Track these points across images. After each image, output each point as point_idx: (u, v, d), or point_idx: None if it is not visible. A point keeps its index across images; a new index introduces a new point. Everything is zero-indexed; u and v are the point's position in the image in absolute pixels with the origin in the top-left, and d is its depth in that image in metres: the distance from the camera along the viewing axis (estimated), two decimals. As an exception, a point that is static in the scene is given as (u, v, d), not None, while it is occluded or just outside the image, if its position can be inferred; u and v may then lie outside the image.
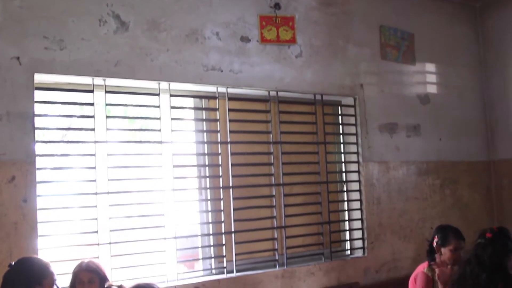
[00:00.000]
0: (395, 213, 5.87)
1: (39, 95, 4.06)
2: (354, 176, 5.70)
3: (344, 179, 5.74)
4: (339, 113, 5.81)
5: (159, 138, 4.55)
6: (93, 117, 4.27)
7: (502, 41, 6.73)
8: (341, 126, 5.79)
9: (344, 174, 5.75)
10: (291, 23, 5.23)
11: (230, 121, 4.93)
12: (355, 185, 5.69)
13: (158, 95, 4.57)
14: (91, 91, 4.30)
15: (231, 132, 4.93)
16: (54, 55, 4.05)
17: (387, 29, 5.98)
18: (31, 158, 3.89)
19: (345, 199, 5.72)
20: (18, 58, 3.91)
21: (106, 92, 4.35)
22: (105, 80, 4.30)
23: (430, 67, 6.43)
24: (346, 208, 5.72)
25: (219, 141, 4.89)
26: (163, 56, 4.52)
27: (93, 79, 4.26)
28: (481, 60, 6.93)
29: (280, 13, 5.18)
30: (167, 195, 4.58)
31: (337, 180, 5.74)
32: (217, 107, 4.90)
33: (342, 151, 5.78)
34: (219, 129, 4.88)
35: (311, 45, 5.39)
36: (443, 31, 6.60)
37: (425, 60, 6.35)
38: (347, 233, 5.69)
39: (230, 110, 4.94)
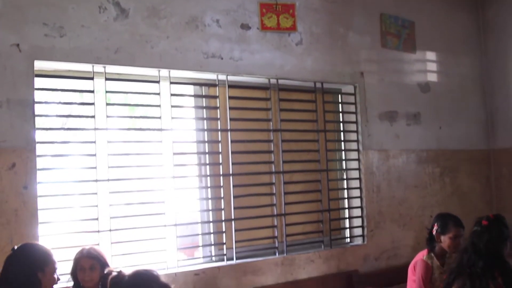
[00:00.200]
0: (394, 201, 5.88)
1: (39, 82, 4.05)
2: (354, 164, 5.70)
3: (344, 167, 5.75)
4: (339, 101, 5.80)
5: (159, 125, 4.55)
6: (93, 104, 4.27)
7: (503, 29, 6.71)
8: (341, 114, 5.78)
9: (344, 162, 5.76)
10: (291, 11, 5.21)
11: (230, 108, 4.92)
12: (355, 173, 5.70)
13: (158, 82, 4.57)
14: (91, 78, 4.29)
15: (231, 119, 4.92)
16: (54, 42, 4.03)
17: (388, 17, 5.97)
18: (31, 145, 3.89)
19: (345, 187, 5.73)
20: (18, 45, 3.90)
21: (106, 79, 4.34)
22: (105, 67, 4.30)
23: (430, 55, 6.42)
24: (346, 196, 5.73)
25: (219, 128, 4.89)
26: (163, 43, 4.51)
27: (93, 66, 4.25)
28: (482, 48, 6.92)
29: (280, 0, 5.15)
30: (167, 182, 4.58)
31: (337, 168, 5.76)
32: (217, 95, 4.89)
33: (342, 139, 5.78)
34: (219, 117, 4.88)
35: (312, 33, 5.37)
36: (444, 19, 6.58)
37: (425, 48, 6.34)
38: (347, 221, 5.71)
39: (230, 97, 4.93)
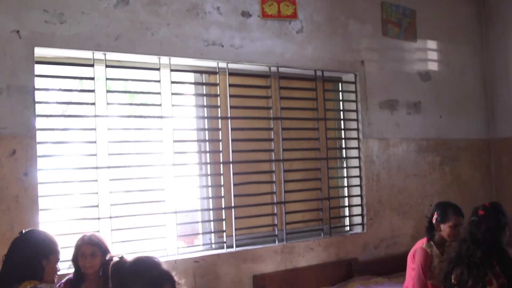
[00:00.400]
0: (394, 190, 5.89)
1: (39, 69, 4.05)
2: (354, 152, 5.71)
3: (344, 156, 5.76)
4: (340, 89, 5.80)
5: (160, 112, 4.55)
6: (93, 92, 4.27)
7: (504, 19, 6.69)
8: (341, 102, 5.79)
9: (344, 150, 5.77)
10: (292, -2, 5.20)
11: (230, 96, 4.92)
12: (355, 162, 5.70)
13: (158, 69, 4.56)
14: (92, 65, 4.28)
15: (232, 107, 4.92)
16: (54, 28, 4.03)
17: (389, 5, 5.95)
18: (32, 132, 3.90)
19: (345, 175, 5.75)
20: (18, 31, 3.89)
21: (106, 66, 4.34)
22: (105, 54, 4.29)
23: (431, 44, 6.41)
24: (345, 184, 5.74)
25: (219, 116, 4.89)
26: (163, 30, 4.50)
27: (93, 53, 4.25)
28: (482, 37, 6.91)
29: (281, -12, 5.15)
30: (167, 169, 4.59)
31: (337, 156, 5.76)
32: (218, 82, 4.88)
33: (342, 127, 5.78)
34: (219, 104, 4.88)
35: (312, 21, 5.36)
36: (445, 8, 6.56)
37: (426, 37, 6.32)
38: (347, 209, 5.73)
39: (230, 85, 4.93)
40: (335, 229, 5.56)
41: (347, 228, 5.73)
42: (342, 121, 5.78)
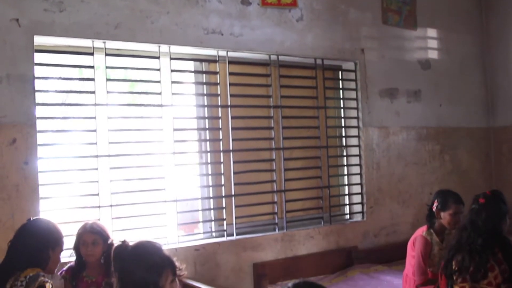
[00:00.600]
0: (394, 178, 5.90)
1: (39, 57, 4.04)
2: (354, 141, 5.71)
3: (344, 144, 5.77)
4: (340, 77, 5.80)
5: (159, 101, 4.54)
6: (93, 80, 4.26)
7: (504, 8, 6.68)
8: (341, 91, 5.78)
9: (344, 139, 5.77)
10: (292, -14, 5.18)
11: (230, 84, 4.91)
12: (355, 150, 5.71)
13: (158, 58, 4.55)
14: (91, 54, 4.27)
15: (232, 95, 4.92)
16: (53, 17, 4.01)
17: (389, -7, 5.94)
18: (32, 120, 3.89)
19: (345, 163, 5.75)
20: (17, 20, 3.87)
21: (106, 54, 4.32)
22: (105, 42, 4.28)
23: (431, 32, 6.39)
24: (345, 172, 5.74)
25: (219, 104, 4.88)
26: (163, 18, 4.48)
27: (93, 41, 4.23)
28: (483, 26, 6.89)
29: (281, -24, 5.13)
30: (167, 158, 4.59)
31: (337, 144, 5.77)
32: (218, 71, 4.88)
33: (342, 116, 5.78)
34: (219, 93, 4.87)
35: (312, 9, 5.34)
36: (446, -4, 6.55)
37: (426, 25, 6.30)
38: (346, 197, 5.74)
39: (230, 73, 4.92)
40: (335, 217, 5.57)
41: (347, 216, 5.74)
42: (342, 110, 5.78)
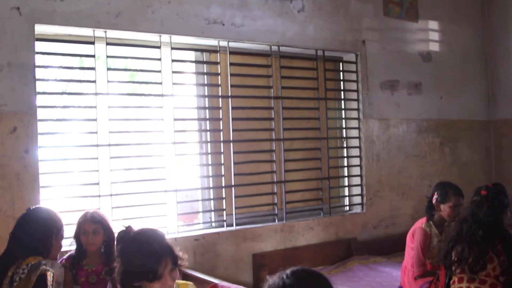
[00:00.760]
0: (394, 170, 5.90)
1: (39, 46, 4.04)
2: (354, 132, 5.71)
3: (344, 136, 5.77)
4: (341, 69, 5.79)
5: (160, 91, 4.54)
6: (94, 69, 4.25)
7: (506, 0, 6.66)
8: (342, 82, 5.78)
9: (344, 130, 5.78)
10: (293, -23, 5.16)
11: (231, 75, 4.91)
12: (355, 142, 5.71)
13: (159, 48, 4.54)
14: (92, 43, 4.26)
15: (232, 86, 4.91)
16: (54, 5, 3.99)
17: (391, -15, 5.92)
18: (32, 109, 3.89)
19: (345, 155, 5.76)
20: (18, 8, 3.86)
21: (107, 44, 4.31)
22: (106, 31, 4.26)
23: (433, 24, 6.38)
24: (345, 164, 5.75)
25: (220, 95, 4.88)
26: (164, 8, 4.47)
27: (93, 30, 4.22)
28: (484, 18, 6.87)
29: (282, -34, 5.11)
30: (167, 148, 4.59)
31: (337, 136, 5.77)
32: (219, 61, 4.86)
33: (342, 107, 5.77)
34: (220, 83, 4.87)
35: (314, 0, 5.32)
36: (447, -12, 6.53)
37: (428, 17, 6.29)
38: (346, 189, 5.75)
39: (231, 64, 4.91)
40: (334, 208, 5.58)
41: (347, 208, 5.75)
42: (342, 101, 5.78)
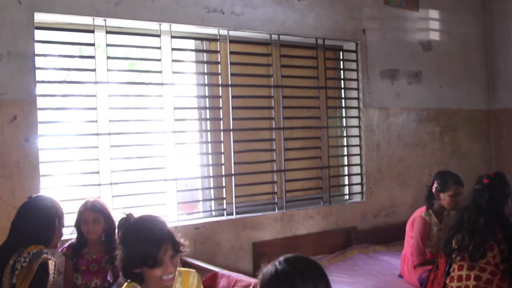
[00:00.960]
0: (394, 160, 5.91)
1: (39, 34, 4.02)
2: (354, 121, 5.72)
3: (344, 125, 5.77)
4: (341, 58, 5.78)
5: (160, 79, 4.53)
6: (94, 58, 4.24)
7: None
8: (342, 71, 5.77)
9: (344, 119, 5.78)
10: (294, -35, 5.14)
11: (231, 63, 4.89)
12: (355, 131, 5.71)
13: (159, 36, 4.52)
14: (92, 31, 4.25)
15: (232, 75, 4.90)
16: (54, -7, 3.99)
17: (391, -27, 5.90)
18: (32, 98, 3.88)
19: (345, 144, 5.76)
20: (17, -4, 3.86)
21: (106, 32, 4.30)
22: (105, 20, 4.25)
23: (433, 13, 6.36)
24: (345, 153, 5.75)
25: (220, 83, 4.87)
26: (164, -4, 4.46)
27: (93, 19, 4.20)
28: (485, 8, 6.85)
29: (283, -46, 5.09)
30: (167, 136, 4.59)
31: (337, 125, 5.77)
32: (219, 50, 4.85)
33: (342, 96, 5.77)
34: (220, 72, 4.86)
35: (314, -12, 5.32)
36: (448, -24, 6.50)
37: (428, 6, 6.27)
38: (346, 178, 5.75)
39: (231, 52, 4.90)
40: (334, 197, 5.59)
41: (347, 196, 5.76)
42: (342, 90, 5.77)
